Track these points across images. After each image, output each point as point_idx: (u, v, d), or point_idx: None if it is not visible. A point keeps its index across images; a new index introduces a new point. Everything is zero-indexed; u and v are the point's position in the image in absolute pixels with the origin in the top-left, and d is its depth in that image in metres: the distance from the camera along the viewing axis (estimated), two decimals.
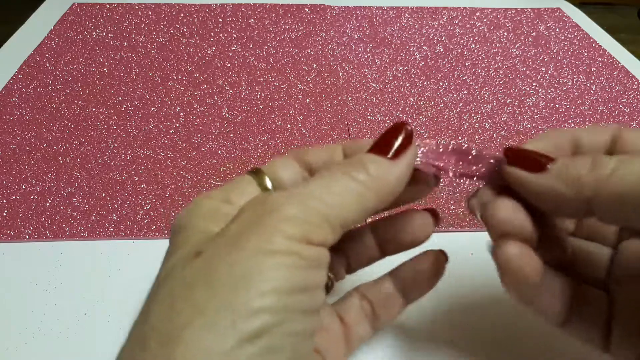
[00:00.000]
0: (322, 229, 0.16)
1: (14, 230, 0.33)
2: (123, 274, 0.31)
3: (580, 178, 0.16)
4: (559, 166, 0.17)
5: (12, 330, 0.27)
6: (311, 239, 0.16)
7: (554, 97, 0.47)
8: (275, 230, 0.15)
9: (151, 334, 0.14)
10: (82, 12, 0.58)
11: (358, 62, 0.51)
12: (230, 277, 0.14)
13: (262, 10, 0.60)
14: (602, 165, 0.16)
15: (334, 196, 0.17)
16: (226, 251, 0.15)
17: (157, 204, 0.35)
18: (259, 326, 0.13)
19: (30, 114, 0.43)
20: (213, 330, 0.13)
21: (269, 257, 0.15)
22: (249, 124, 0.43)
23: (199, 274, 0.15)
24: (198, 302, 0.14)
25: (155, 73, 0.48)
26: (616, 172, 0.16)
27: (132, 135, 0.41)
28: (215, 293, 0.14)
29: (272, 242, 0.15)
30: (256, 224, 0.15)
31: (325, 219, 0.16)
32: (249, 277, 0.14)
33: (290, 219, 0.15)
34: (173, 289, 0.15)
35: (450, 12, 0.61)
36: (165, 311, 0.14)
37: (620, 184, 0.15)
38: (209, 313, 0.13)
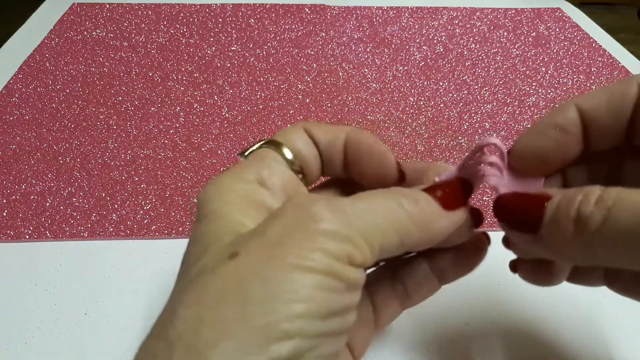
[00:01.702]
0: (364, 249, 0.15)
1: (14, 230, 0.33)
2: (123, 274, 0.31)
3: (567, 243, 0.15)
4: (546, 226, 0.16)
5: (12, 330, 0.27)
6: (353, 259, 0.14)
7: (554, 97, 0.47)
8: (316, 244, 0.14)
9: (178, 342, 0.13)
10: (82, 12, 0.58)
11: (358, 62, 0.51)
12: (264, 294, 0.13)
13: (262, 10, 0.60)
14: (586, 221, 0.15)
15: (378, 219, 0.15)
16: (262, 261, 0.14)
17: (157, 204, 0.35)
18: (289, 351, 0.13)
19: (30, 114, 0.43)
20: (241, 353, 0.12)
21: (306, 275, 0.13)
22: (249, 124, 0.43)
23: (231, 284, 0.14)
24: (228, 321, 0.13)
25: (155, 73, 0.48)
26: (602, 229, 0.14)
27: (132, 135, 0.41)
28: (247, 312, 0.13)
29: (312, 258, 0.14)
30: (296, 233, 0.14)
31: (367, 240, 0.15)
32: (285, 296, 0.13)
33: (333, 235, 0.14)
34: (203, 296, 0.14)
35: (450, 12, 0.61)
36: (194, 321, 0.13)
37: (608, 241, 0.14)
38: (239, 334, 0.13)
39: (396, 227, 0.16)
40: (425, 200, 0.17)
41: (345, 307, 0.14)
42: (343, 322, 0.14)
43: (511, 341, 0.27)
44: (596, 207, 0.15)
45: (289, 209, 0.15)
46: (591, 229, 0.15)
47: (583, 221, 0.15)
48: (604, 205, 0.14)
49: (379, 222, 0.15)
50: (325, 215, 0.15)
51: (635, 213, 0.14)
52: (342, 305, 0.14)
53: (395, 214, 0.16)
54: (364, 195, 0.16)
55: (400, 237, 0.16)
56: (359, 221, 0.15)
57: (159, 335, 0.14)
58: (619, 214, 0.14)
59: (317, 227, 0.14)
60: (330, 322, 0.14)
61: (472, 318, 0.28)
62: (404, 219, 0.16)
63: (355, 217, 0.15)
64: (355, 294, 0.15)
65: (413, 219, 0.16)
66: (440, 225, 0.17)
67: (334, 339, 0.14)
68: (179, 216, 0.34)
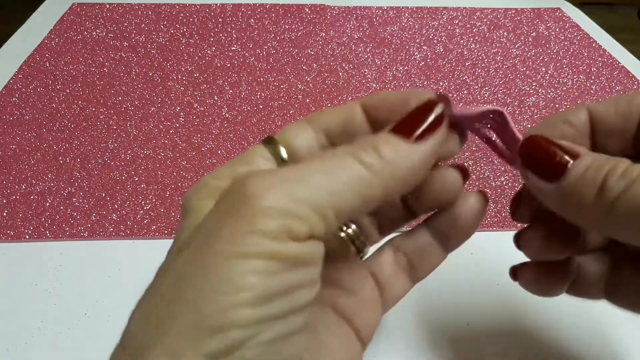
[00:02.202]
0: (308, 220, 0.14)
1: (14, 230, 0.33)
2: (123, 274, 0.31)
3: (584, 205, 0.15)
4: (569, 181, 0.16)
5: (12, 330, 0.27)
6: (294, 234, 0.13)
7: (554, 97, 0.47)
8: (249, 227, 0.13)
9: (129, 341, 0.13)
10: (82, 12, 0.58)
11: (358, 62, 0.51)
12: (197, 288, 0.13)
13: (262, 10, 0.60)
14: (609, 189, 0.15)
15: (331, 181, 0.14)
16: (198, 253, 0.13)
17: (157, 204, 0.35)
18: (226, 343, 0.12)
19: (30, 114, 0.43)
20: (175, 355, 0.12)
21: (238, 262, 0.13)
22: (249, 124, 0.43)
23: (171, 282, 0.14)
24: (162, 322, 0.13)
25: (155, 73, 0.48)
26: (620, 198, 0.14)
27: (132, 135, 0.41)
28: (176, 314, 0.13)
29: (244, 243, 0.13)
30: (230, 219, 0.13)
31: (314, 208, 0.14)
32: (217, 289, 0.12)
33: (267, 212, 0.13)
34: (151, 296, 0.14)
35: (450, 12, 0.61)
36: (141, 322, 0.13)
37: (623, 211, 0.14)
38: (172, 336, 0.12)
39: (355, 186, 0.14)
40: (388, 144, 0.15)
41: (290, 286, 0.13)
42: (291, 302, 0.13)
43: (511, 341, 0.27)
44: (621, 177, 0.15)
45: (227, 191, 0.15)
46: (611, 196, 0.15)
47: (607, 188, 0.15)
48: (628, 177, 0.15)
49: (331, 185, 0.14)
50: (261, 189, 0.14)
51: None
52: (284, 285, 0.13)
53: (352, 171, 0.14)
54: (317, 156, 0.15)
55: (362, 194, 0.14)
56: (301, 189, 0.14)
57: (121, 336, 0.14)
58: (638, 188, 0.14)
59: (251, 207, 0.13)
60: (271, 306, 0.13)
61: (472, 318, 0.28)
62: (363, 174, 0.14)
63: (299, 184, 0.14)
64: (304, 270, 0.14)
65: (374, 170, 0.15)
66: (408, 164, 0.15)
67: (282, 321, 0.13)
68: (179, 216, 0.34)
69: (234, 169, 0.17)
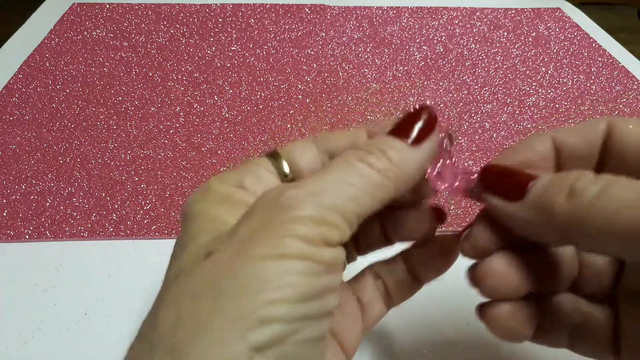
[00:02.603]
0: (340, 227, 0.15)
1: (14, 230, 0.33)
2: (123, 274, 0.31)
3: (555, 212, 0.15)
4: (534, 193, 0.16)
5: (12, 330, 0.27)
6: (329, 241, 0.14)
7: (554, 97, 0.47)
8: (287, 232, 0.14)
9: (159, 342, 0.13)
10: (82, 12, 0.58)
11: (358, 62, 0.51)
12: (238, 286, 0.13)
13: (262, 10, 0.60)
14: (581, 192, 0.15)
15: (351, 188, 0.15)
16: (234, 256, 0.14)
17: (157, 204, 0.35)
18: (269, 336, 0.13)
19: (30, 114, 0.43)
20: (219, 345, 0.13)
21: (278, 262, 0.13)
22: (249, 124, 0.43)
23: (205, 282, 0.14)
24: (203, 316, 0.13)
25: (155, 73, 0.48)
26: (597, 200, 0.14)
27: (132, 135, 0.41)
28: (221, 305, 0.13)
29: (283, 245, 0.14)
30: (267, 225, 0.14)
31: (342, 215, 0.15)
32: (257, 286, 0.13)
33: (305, 220, 0.14)
34: (180, 297, 0.14)
35: (450, 12, 0.61)
36: (172, 320, 0.14)
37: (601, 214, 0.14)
38: (214, 328, 0.13)
39: (371, 190, 0.16)
40: (393, 148, 0.17)
41: (324, 288, 0.14)
42: (323, 304, 0.14)
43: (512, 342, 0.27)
44: (595, 179, 0.15)
45: (258, 204, 0.16)
46: (586, 199, 0.14)
47: (578, 191, 0.15)
48: (602, 181, 0.15)
49: (352, 192, 0.15)
50: (295, 199, 0.15)
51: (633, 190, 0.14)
52: (320, 287, 0.14)
53: (366, 176, 0.16)
54: (332, 166, 0.16)
55: (378, 196, 0.16)
56: (328, 199, 0.15)
57: (143, 338, 0.14)
58: (617, 190, 0.14)
59: (289, 215, 0.14)
60: (310, 305, 0.14)
61: (472, 318, 0.28)
62: (376, 179, 0.16)
63: (327, 194, 0.15)
64: (334, 275, 0.15)
65: (386, 174, 0.16)
66: (414, 165, 0.17)
67: (316, 322, 0.14)
68: (179, 216, 0.34)
69: (240, 176, 0.18)
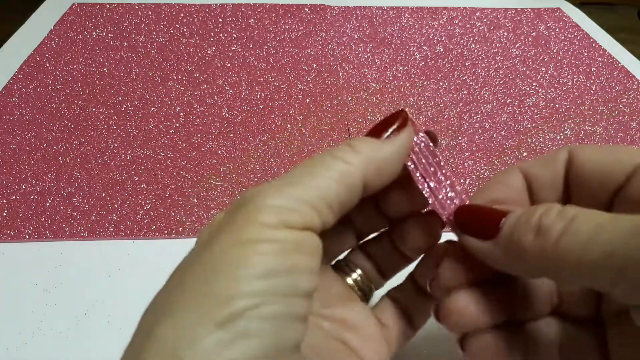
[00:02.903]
0: (302, 212, 0.16)
1: (14, 230, 0.33)
2: (123, 274, 0.31)
3: (524, 250, 0.16)
4: (505, 232, 0.17)
5: (12, 330, 0.27)
6: (289, 224, 0.15)
7: (554, 97, 0.47)
8: (248, 221, 0.15)
9: (138, 327, 0.15)
10: (82, 12, 0.58)
11: (358, 62, 0.51)
12: (201, 271, 0.14)
13: (262, 10, 0.60)
14: (547, 230, 0.15)
15: (316, 178, 0.16)
16: (201, 251, 0.15)
17: (157, 204, 0.35)
18: (231, 311, 0.13)
19: (30, 114, 0.43)
20: (181, 322, 0.13)
21: (240, 247, 0.14)
22: (249, 124, 0.43)
23: (177, 274, 0.15)
24: (170, 301, 0.14)
25: (155, 73, 0.48)
26: (562, 238, 0.15)
27: (132, 135, 0.41)
28: (185, 289, 0.14)
29: (245, 231, 0.15)
30: (230, 219, 0.15)
31: (306, 202, 0.16)
32: (219, 267, 0.14)
33: (264, 208, 0.15)
34: (159, 293, 0.15)
35: (450, 12, 0.61)
36: (151, 307, 0.15)
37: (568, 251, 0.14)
38: (179, 308, 0.14)
39: (337, 178, 0.17)
40: (362, 142, 0.18)
41: (290, 267, 0.15)
42: (292, 282, 0.15)
43: None
44: (558, 217, 0.15)
45: (232, 202, 0.17)
46: (552, 237, 0.15)
47: (544, 229, 0.15)
48: (566, 217, 0.15)
49: (317, 181, 0.16)
50: (257, 193, 0.16)
51: (595, 223, 0.14)
52: (285, 264, 0.15)
53: (332, 166, 0.17)
54: (302, 163, 0.18)
55: (345, 184, 0.17)
56: (293, 188, 0.16)
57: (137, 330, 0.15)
58: (579, 226, 0.15)
59: (250, 206, 0.15)
60: (274, 280, 0.14)
61: None
62: (342, 167, 0.17)
63: (290, 185, 0.16)
64: (302, 255, 0.15)
65: (351, 162, 0.17)
66: (382, 154, 0.18)
67: (283, 299, 0.14)
68: (179, 216, 0.34)
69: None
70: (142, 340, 0.13)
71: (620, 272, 0.13)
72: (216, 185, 0.37)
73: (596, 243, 0.14)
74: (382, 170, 0.18)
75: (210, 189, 0.36)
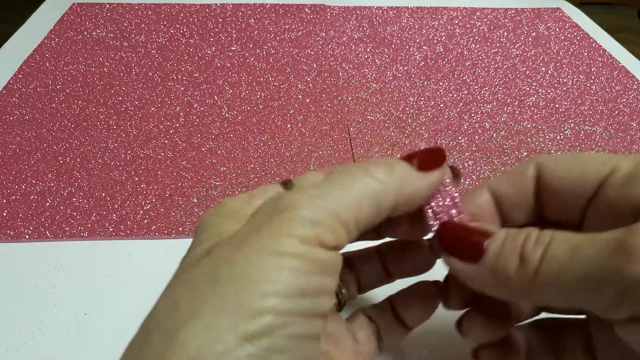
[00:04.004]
0: (336, 231, 0.15)
1: (14, 230, 0.33)
2: (123, 274, 0.31)
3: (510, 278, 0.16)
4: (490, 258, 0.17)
5: (12, 330, 0.27)
6: (324, 242, 0.15)
7: (554, 97, 0.47)
8: (285, 231, 0.15)
9: (154, 328, 0.14)
10: (82, 12, 0.58)
11: (358, 62, 0.51)
12: (232, 278, 0.14)
13: (262, 10, 0.60)
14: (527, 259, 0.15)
15: (350, 195, 0.16)
16: (232, 252, 0.15)
17: (157, 204, 0.35)
18: (260, 327, 0.13)
19: (30, 114, 0.43)
20: (210, 331, 0.13)
21: (274, 258, 0.14)
22: (249, 124, 0.43)
23: (203, 273, 0.15)
24: (197, 303, 0.14)
25: (155, 73, 0.48)
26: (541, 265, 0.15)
27: (132, 135, 0.41)
28: (216, 294, 0.14)
29: (279, 243, 0.14)
30: (266, 225, 0.15)
31: (340, 220, 0.16)
32: (252, 278, 0.14)
33: (302, 220, 0.15)
34: (179, 287, 0.15)
35: (450, 12, 0.61)
36: (169, 307, 0.14)
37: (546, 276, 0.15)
38: (207, 314, 0.13)
39: (371, 198, 0.16)
40: (399, 165, 0.18)
41: (317, 289, 0.15)
42: (315, 304, 0.15)
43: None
44: (536, 244, 0.15)
45: (262, 206, 0.17)
46: (533, 265, 0.15)
47: (526, 258, 0.15)
48: (542, 242, 0.15)
49: (351, 198, 0.16)
50: (294, 201, 0.15)
51: (569, 246, 0.15)
52: (312, 286, 0.15)
53: (367, 185, 0.16)
54: (335, 173, 0.17)
55: (376, 205, 0.16)
56: (327, 203, 0.16)
57: (141, 327, 0.15)
58: (555, 250, 0.15)
59: (287, 215, 0.15)
60: (301, 302, 0.14)
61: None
62: (376, 187, 0.16)
63: (326, 198, 0.16)
64: (328, 278, 0.15)
65: (387, 184, 0.17)
66: (416, 184, 0.18)
67: (308, 320, 0.14)
68: (179, 216, 0.34)
69: (251, 195, 0.19)
70: (164, 342, 0.13)
71: (597, 292, 0.14)
72: (216, 185, 0.37)
73: (572, 265, 0.14)
74: (411, 200, 0.18)
75: (210, 189, 0.36)
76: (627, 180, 0.17)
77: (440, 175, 0.19)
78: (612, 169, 0.17)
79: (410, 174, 0.18)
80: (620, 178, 0.17)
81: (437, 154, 0.19)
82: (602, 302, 0.14)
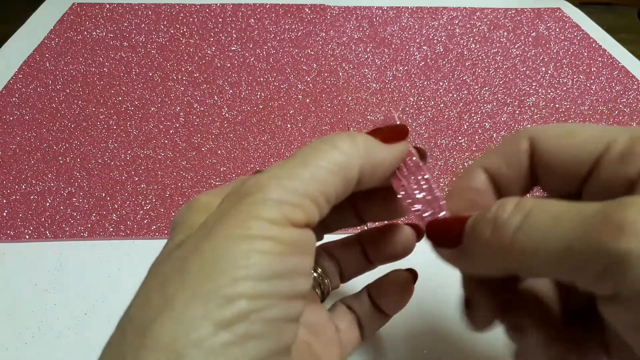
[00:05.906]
0: (305, 208, 0.15)
1: (14, 230, 0.33)
2: (123, 274, 0.31)
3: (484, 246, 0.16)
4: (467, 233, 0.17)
5: (12, 330, 0.27)
6: (294, 221, 0.15)
7: (554, 97, 0.47)
8: (252, 214, 0.14)
9: (128, 324, 0.14)
10: (82, 12, 0.58)
11: (358, 62, 0.51)
12: (202, 266, 0.14)
13: (262, 10, 0.60)
14: (503, 225, 0.15)
15: (315, 169, 0.16)
16: (200, 241, 0.14)
17: (157, 204, 0.35)
18: (234, 312, 0.13)
19: (30, 114, 0.43)
20: (183, 321, 0.13)
21: (242, 242, 0.14)
22: (249, 124, 0.43)
23: (173, 265, 0.14)
24: (169, 295, 0.13)
25: (155, 73, 0.48)
26: (519, 232, 0.15)
27: (132, 135, 0.41)
28: (185, 284, 0.13)
29: (246, 226, 0.14)
30: (232, 210, 0.15)
31: (308, 196, 0.15)
32: (222, 264, 0.13)
33: (268, 201, 0.15)
34: (150, 282, 0.15)
35: (450, 12, 0.61)
36: (142, 302, 0.14)
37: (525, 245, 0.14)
38: (179, 305, 0.13)
39: (336, 170, 0.16)
40: (362, 137, 0.18)
41: (291, 269, 0.14)
42: (291, 285, 0.14)
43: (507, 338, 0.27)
44: (515, 209, 0.15)
45: (227, 195, 0.16)
46: (509, 232, 0.15)
47: (500, 223, 0.15)
48: (523, 208, 0.15)
49: (316, 173, 0.16)
50: (258, 184, 0.15)
51: (551, 215, 0.14)
52: (286, 267, 0.14)
53: (331, 157, 0.16)
54: (297, 151, 0.17)
55: (343, 177, 0.16)
56: (292, 181, 0.15)
57: (117, 326, 0.14)
58: (536, 219, 0.14)
59: (252, 198, 0.15)
60: (275, 284, 0.14)
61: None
62: (341, 158, 0.16)
63: (290, 176, 0.15)
64: (302, 257, 0.15)
65: (350, 154, 0.17)
66: (380, 155, 0.18)
67: (283, 302, 0.14)
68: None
69: (224, 189, 0.18)
70: (138, 337, 0.13)
71: (579, 264, 0.13)
72: (216, 185, 0.37)
73: (552, 236, 0.14)
74: (376, 170, 0.18)
75: (210, 188, 0.36)
76: (622, 158, 0.16)
77: (404, 147, 0.19)
78: (607, 144, 0.17)
79: (374, 144, 0.18)
80: (615, 155, 0.16)
81: (400, 129, 0.19)
82: (584, 276, 0.13)
